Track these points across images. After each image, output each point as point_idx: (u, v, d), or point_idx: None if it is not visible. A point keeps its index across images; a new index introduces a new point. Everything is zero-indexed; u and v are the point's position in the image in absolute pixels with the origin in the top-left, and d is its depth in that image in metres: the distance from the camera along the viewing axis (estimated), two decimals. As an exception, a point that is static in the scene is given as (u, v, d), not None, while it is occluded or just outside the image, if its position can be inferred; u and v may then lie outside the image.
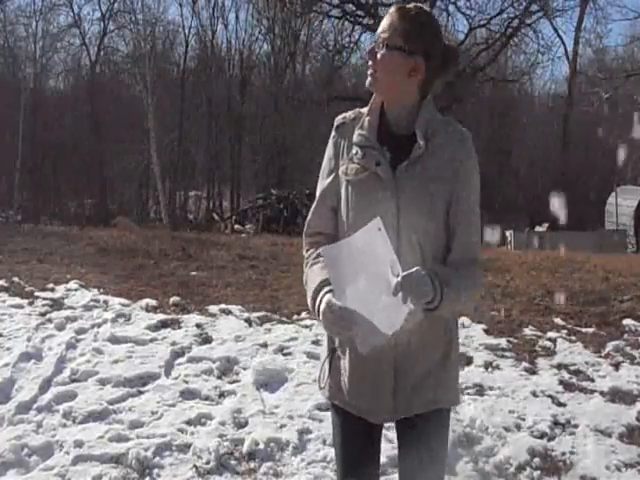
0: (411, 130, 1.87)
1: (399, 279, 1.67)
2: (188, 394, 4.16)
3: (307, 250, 2.01)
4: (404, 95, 1.88)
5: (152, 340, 4.95)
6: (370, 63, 1.88)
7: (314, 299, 1.86)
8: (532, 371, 4.69)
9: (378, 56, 1.85)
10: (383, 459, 3.45)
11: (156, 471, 3.41)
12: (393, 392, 1.89)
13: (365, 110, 1.94)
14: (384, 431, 2.06)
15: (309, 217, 2.01)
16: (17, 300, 5.80)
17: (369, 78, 1.89)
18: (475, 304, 1.82)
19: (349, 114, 1.98)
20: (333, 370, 1.96)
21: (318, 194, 2.00)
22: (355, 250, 1.71)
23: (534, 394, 4.31)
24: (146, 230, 12.98)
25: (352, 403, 1.94)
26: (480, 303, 5.84)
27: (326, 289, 1.83)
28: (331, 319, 1.76)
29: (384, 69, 1.86)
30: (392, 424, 2.06)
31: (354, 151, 1.90)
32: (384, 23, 1.87)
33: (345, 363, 1.93)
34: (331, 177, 1.95)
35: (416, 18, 1.86)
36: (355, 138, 1.90)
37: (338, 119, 1.99)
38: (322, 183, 1.99)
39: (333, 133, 1.98)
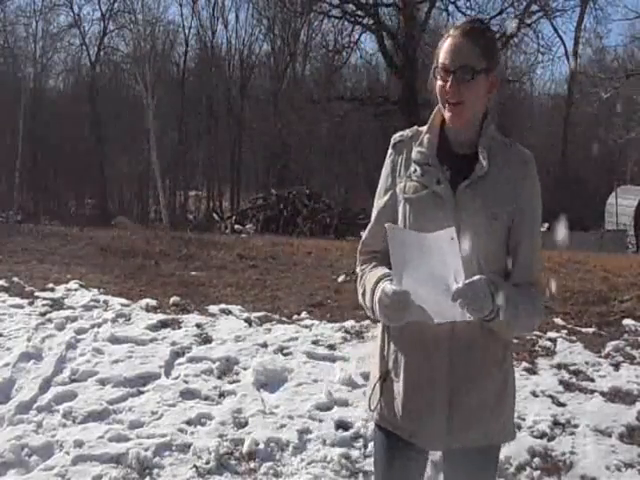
0: (472, 149, 1.82)
1: (460, 285, 1.64)
2: (188, 394, 4.16)
3: (361, 265, 1.95)
4: (477, 114, 1.83)
5: (152, 340, 4.95)
6: (451, 94, 1.76)
7: (372, 293, 1.81)
8: (532, 371, 4.69)
9: (462, 85, 1.75)
10: None
11: (156, 471, 3.41)
12: (447, 420, 1.83)
13: (424, 128, 1.89)
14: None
15: (364, 235, 1.97)
16: (17, 300, 5.80)
17: (449, 111, 1.79)
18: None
19: (407, 132, 1.92)
20: (385, 393, 1.91)
21: (374, 213, 1.95)
22: (422, 246, 1.69)
23: (534, 394, 4.31)
24: (146, 230, 12.97)
25: (404, 427, 1.89)
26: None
27: (383, 281, 1.79)
28: (386, 302, 1.73)
29: (474, 97, 1.78)
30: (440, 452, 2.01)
31: (412, 169, 1.85)
32: (457, 47, 1.77)
33: (399, 386, 1.88)
34: (388, 195, 1.90)
35: (486, 34, 1.81)
36: (414, 155, 1.85)
37: (395, 137, 1.93)
38: (378, 202, 1.93)
39: (390, 151, 1.92)
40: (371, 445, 3.54)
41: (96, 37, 30.32)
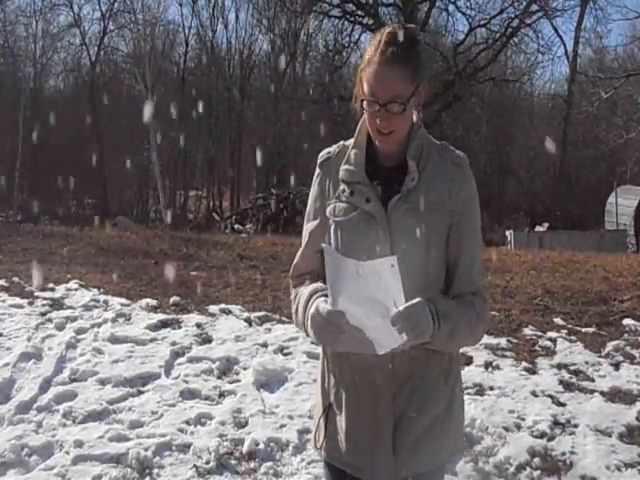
0: (402, 159, 1.71)
1: (400, 309, 1.55)
2: (188, 394, 4.16)
3: (294, 289, 1.84)
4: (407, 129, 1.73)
5: (152, 340, 4.95)
6: (382, 126, 1.66)
7: (305, 308, 1.71)
8: (532, 371, 4.69)
9: (394, 118, 1.65)
10: None
11: (156, 471, 3.41)
12: (393, 450, 1.74)
13: (350, 142, 1.78)
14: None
15: (295, 261, 1.86)
16: (17, 300, 5.80)
17: (379, 138, 1.69)
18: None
19: (333, 148, 1.81)
20: (329, 427, 1.81)
21: (304, 237, 1.83)
22: (360, 273, 1.59)
23: (534, 394, 4.31)
24: (146, 230, 12.97)
25: (350, 462, 1.79)
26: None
27: (316, 296, 1.69)
28: (320, 322, 1.62)
29: (406, 123, 1.70)
30: None
31: (341, 188, 1.73)
32: (384, 77, 1.64)
33: (342, 419, 1.78)
34: (318, 220, 1.79)
35: (412, 50, 1.66)
36: (342, 174, 1.74)
37: (322, 155, 1.82)
38: (308, 225, 1.82)
39: (317, 171, 1.80)
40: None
41: (96, 37, 30.31)
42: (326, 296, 1.65)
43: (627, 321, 5.69)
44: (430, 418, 1.74)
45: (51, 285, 6.30)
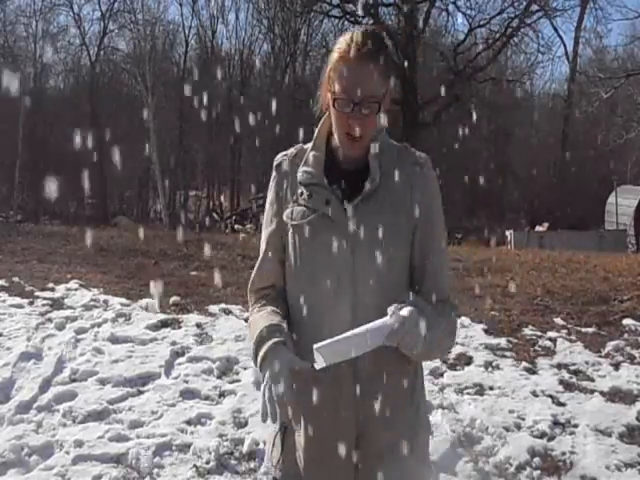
0: (362, 163, 1.64)
1: (405, 314, 1.48)
2: (188, 394, 4.16)
3: (253, 304, 1.73)
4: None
5: (152, 340, 4.95)
6: (354, 129, 1.59)
7: (258, 346, 1.59)
8: (532, 371, 4.69)
9: (367, 119, 1.58)
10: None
11: (156, 471, 3.41)
12: (355, 469, 1.64)
13: (309, 145, 1.70)
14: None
15: (254, 274, 1.75)
16: (17, 300, 5.80)
17: (347, 143, 1.62)
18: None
19: (290, 151, 1.73)
20: (286, 447, 1.71)
21: (262, 248, 1.73)
22: (367, 342, 1.49)
23: (534, 394, 4.31)
24: (146, 230, 12.97)
25: None
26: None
27: (274, 338, 1.57)
28: (270, 392, 1.51)
29: (375, 127, 1.63)
30: None
31: (299, 191, 1.66)
32: (359, 75, 1.57)
33: (300, 438, 1.67)
34: (274, 224, 1.70)
35: (383, 50, 1.61)
36: (300, 176, 1.66)
37: (278, 158, 1.74)
38: (265, 232, 1.73)
39: (273, 174, 1.73)
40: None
41: (96, 37, 30.39)
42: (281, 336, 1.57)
43: (627, 321, 5.69)
44: (394, 435, 1.65)
45: (51, 285, 6.30)
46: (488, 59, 23.39)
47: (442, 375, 4.57)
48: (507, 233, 20.03)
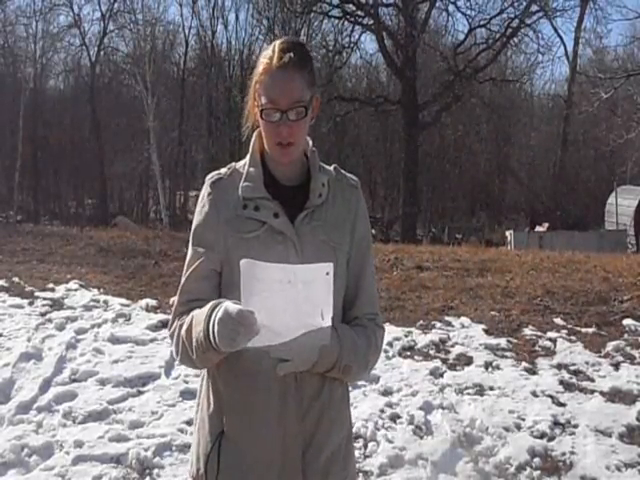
0: (300, 180, 1.69)
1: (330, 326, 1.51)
2: (188, 394, 4.16)
3: (180, 318, 1.69)
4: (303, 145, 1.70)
5: (152, 340, 4.95)
6: (285, 136, 1.59)
7: (207, 322, 1.53)
8: (532, 371, 4.69)
9: (295, 125, 1.59)
10: (383, 459, 3.46)
11: (156, 471, 3.41)
12: (303, 476, 1.62)
13: (242, 164, 1.71)
14: (384, 431, 1.97)
15: (182, 289, 1.70)
16: (17, 300, 5.80)
17: (279, 152, 1.62)
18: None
19: (223, 170, 1.72)
20: (223, 459, 1.63)
21: (192, 264, 1.67)
22: (290, 280, 1.48)
23: (534, 394, 4.31)
24: (146, 230, 12.97)
25: None
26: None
27: (223, 304, 1.51)
28: (229, 323, 1.44)
29: (303, 133, 1.64)
30: None
31: (242, 205, 1.64)
32: (285, 83, 1.59)
33: (240, 448, 1.62)
34: (210, 241, 1.65)
35: (307, 57, 1.64)
36: (243, 192, 1.65)
37: (212, 175, 1.72)
38: (198, 250, 1.66)
39: (208, 190, 1.68)
40: (371, 445, 3.54)
41: (96, 37, 30.34)
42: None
43: (627, 321, 5.69)
44: (338, 442, 1.67)
45: (51, 285, 6.30)
46: (488, 59, 23.42)
47: (442, 375, 4.57)
48: (507, 233, 20.03)
